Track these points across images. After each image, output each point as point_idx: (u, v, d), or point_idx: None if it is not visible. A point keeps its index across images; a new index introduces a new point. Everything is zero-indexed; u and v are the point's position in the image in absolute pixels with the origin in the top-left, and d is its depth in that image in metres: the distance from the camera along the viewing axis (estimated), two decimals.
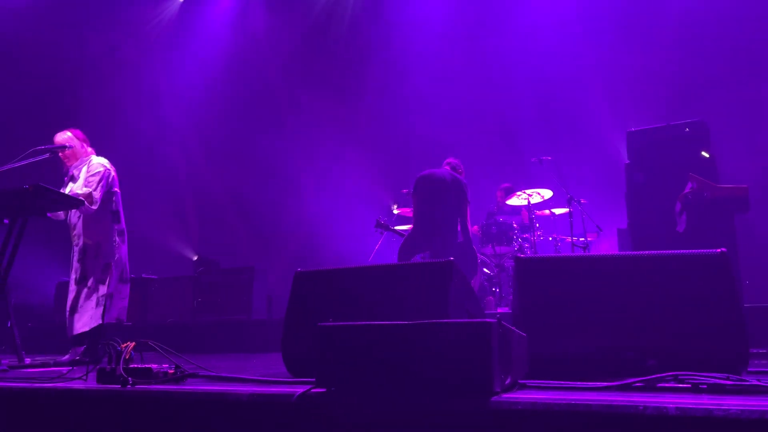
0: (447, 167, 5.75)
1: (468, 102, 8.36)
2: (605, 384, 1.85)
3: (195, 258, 9.34)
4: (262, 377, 2.34)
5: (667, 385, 1.87)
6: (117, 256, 4.36)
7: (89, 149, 4.49)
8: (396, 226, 7.69)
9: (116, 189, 4.44)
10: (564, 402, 1.56)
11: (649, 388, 1.83)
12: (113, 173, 4.42)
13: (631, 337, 2.10)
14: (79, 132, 4.49)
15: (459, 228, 5.42)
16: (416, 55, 8.76)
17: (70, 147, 4.35)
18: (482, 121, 8.27)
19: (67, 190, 4.30)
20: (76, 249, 4.34)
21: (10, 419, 2.37)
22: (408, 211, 7.47)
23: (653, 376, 1.84)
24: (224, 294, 6.87)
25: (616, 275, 2.20)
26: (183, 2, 10.26)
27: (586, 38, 7.64)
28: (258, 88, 9.76)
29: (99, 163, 4.37)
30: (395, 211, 7.86)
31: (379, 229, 5.96)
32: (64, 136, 4.41)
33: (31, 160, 4.18)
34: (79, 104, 9.09)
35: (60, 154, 4.35)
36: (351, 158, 8.94)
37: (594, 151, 7.35)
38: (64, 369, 3.16)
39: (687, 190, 4.37)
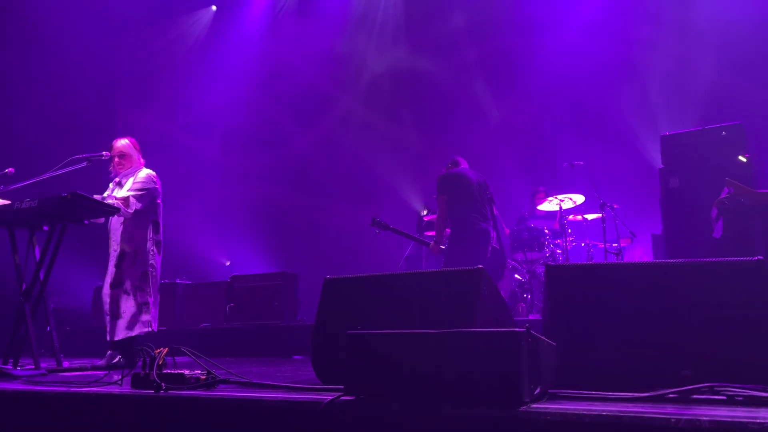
0: (465, 164, 5.68)
1: (499, 106, 8.32)
2: (637, 395, 1.81)
3: (227, 263, 9.47)
4: (292, 384, 2.36)
5: (701, 396, 1.83)
6: (154, 264, 4.44)
7: (141, 160, 4.59)
8: (426, 231, 7.68)
9: (160, 201, 4.54)
10: (594, 413, 1.54)
11: (683, 399, 1.79)
12: (158, 186, 4.52)
13: (665, 347, 2.06)
14: (135, 141, 4.60)
15: (492, 232, 5.36)
16: (445, 56, 8.75)
17: (107, 156, 4.45)
18: (513, 125, 8.21)
19: (105, 194, 4.41)
20: (113, 254, 4.40)
21: (48, 422, 2.44)
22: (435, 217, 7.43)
23: (687, 388, 1.81)
24: (256, 299, 6.94)
25: (649, 283, 2.16)
26: (216, 11, 10.45)
27: (619, 40, 7.53)
28: (288, 92, 9.85)
29: (147, 174, 4.46)
30: (423, 213, 7.84)
31: (375, 228, 5.81)
32: (122, 142, 4.52)
33: (69, 168, 4.29)
34: (116, 112, 9.32)
35: (115, 159, 4.46)
36: (381, 162, 8.96)
37: (627, 155, 7.24)
38: (101, 373, 3.23)
39: (723, 195, 4.26)
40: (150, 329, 4.30)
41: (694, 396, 1.83)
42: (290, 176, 9.65)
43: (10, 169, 4.44)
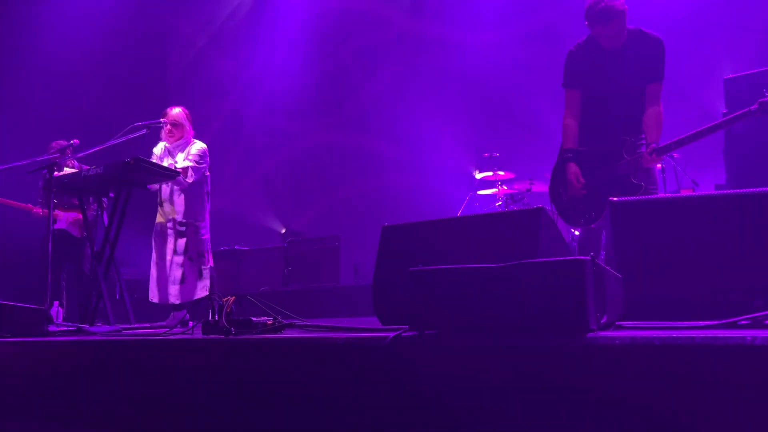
0: None
1: (551, 58, 8.08)
2: (709, 323, 1.78)
3: (283, 231, 9.66)
4: (355, 326, 2.42)
5: None
6: (207, 232, 4.63)
7: (192, 131, 4.73)
8: (479, 190, 7.63)
9: (208, 173, 4.70)
10: (665, 335, 1.52)
11: (756, 325, 1.75)
12: (208, 159, 4.68)
13: (735, 277, 2.01)
14: (187, 111, 4.73)
15: None
16: (500, 15, 8.52)
17: (165, 123, 4.58)
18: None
19: (165, 164, 4.55)
20: (171, 223, 4.56)
21: (126, 367, 2.57)
22: (491, 176, 7.36)
23: (761, 313, 1.76)
24: (312, 262, 7.09)
25: (717, 215, 2.10)
26: None
27: None
28: (338, 56, 9.84)
29: (202, 147, 4.62)
30: (478, 177, 7.77)
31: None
32: (175, 111, 4.66)
33: (130, 136, 4.45)
34: (167, 87, 9.54)
35: (166, 127, 4.60)
36: (431, 125, 8.88)
37: (686, 100, 6.93)
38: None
39: None
40: (206, 293, 4.48)
41: None
42: (339, 138, 9.70)
43: (75, 140, 4.63)
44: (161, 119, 4.56)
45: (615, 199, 2.19)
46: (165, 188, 4.58)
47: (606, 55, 3.44)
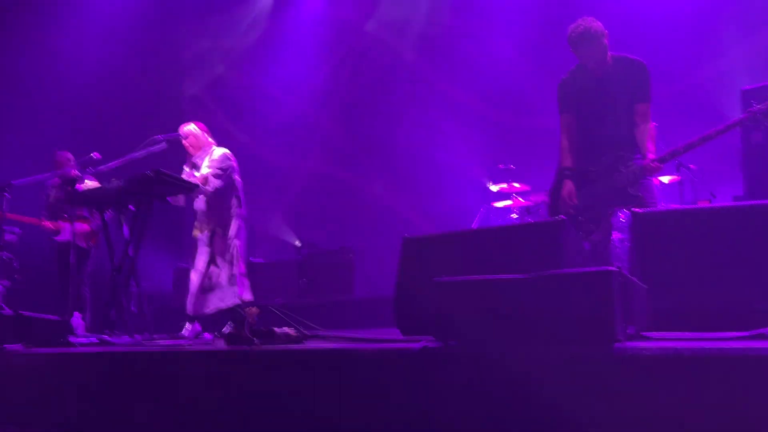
0: None
1: (568, 70, 8.08)
2: (736, 334, 1.77)
3: (298, 244, 9.68)
4: (378, 337, 2.43)
5: None
6: (241, 237, 4.61)
7: (210, 140, 4.76)
8: (494, 202, 7.62)
9: (237, 177, 4.71)
10: (695, 347, 1.52)
11: None
12: (234, 163, 4.68)
13: (757, 287, 2.00)
14: (201, 124, 4.78)
15: None
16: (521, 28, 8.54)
17: (186, 136, 4.63)
18: None
19: (182, 175, 4.60)
20: (202, 235, 4.57)
21: (149, 379, 2.59)
22: (506, 188, 7.36)
23: None
24: (327, 275, 7.11)
25: (740, 225, 2.09)
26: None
27: None
28: (353, 69, 9.89)
29: (222, 152, 4.64)
30: (493, 189, 7.76)
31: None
32: (187, 128, 4.70)
33: (150, 149, 4.50)
34: (183, 102, 9.65)
35: (183, 143, 4.64)
36: (446, 136, 8.89)
37: (703, 111, 6.90)
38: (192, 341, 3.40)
39: None
40: (238, 300, 4.46)
41: None
42: (351, 150, 9.74)
43: (96, 153, 4.69)
44: (179, 133, 4.64)
45: (638, 210, 2.20)
46: (196, 201, 4.62)
47: (594, 80, 3.65)
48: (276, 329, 2.48)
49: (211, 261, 4.48)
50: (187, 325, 4.51)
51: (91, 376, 2.71)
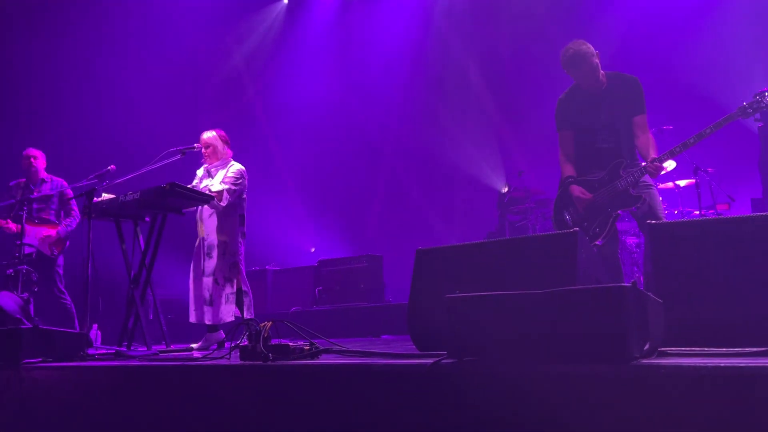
0: None
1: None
2: (755, 349, 1.74)
3: (312, 250, 9.71)
4: (392, 352, 2.42)
5: None
6: (241, 254, 4.62)
7: (229, 150, 4.76)
8: (509, 207, 7.59)
9: (245, 196, 4.71)
10: (712, 365, 1.49)
11: None
12: (246, 181, 4.68)
13: None
14: (223, 133, 4.77)
15: None
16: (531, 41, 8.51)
17: (200, 147, 4.64)
18: None
19: (201, 185, 4.61)
20: (203, 243, 4.59)
21: (163, 394, 2.60)
22: (520, 192, 7.33)
23: None
24: (343, 282, 7.11)
25: (758, 236, 2.06)
26: (287, 3, 10.66)
27: None
28: (367, 77, 9.91)
29: (239, 169, 4.63)
30: (504, 191, 7.74)
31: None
32: (208, 135, 4.70)
33: (166, 161, 4.53)
34: (199, 111, 9.72)
35: (203, 151, 4.65)
36: (461, 142, 8.89)
37: (722, 113, 6.80)
38: (205, 353, 3.41)
39: None
40: (235, 319, 4.45)
41: None
42: (368, 157, 9.75)
43: (112, 166, 4.73)
44: (196, 144, 4.64)
45: (654, 222, 2.17)
46: (201, 208, 4.62)
47: (589, 97, 3.77)
48: (290, 343, 2.48)
49: (210, 273, 4.47)
50: (207, 336, 4.52)
51: (109, 389, 2.73)
